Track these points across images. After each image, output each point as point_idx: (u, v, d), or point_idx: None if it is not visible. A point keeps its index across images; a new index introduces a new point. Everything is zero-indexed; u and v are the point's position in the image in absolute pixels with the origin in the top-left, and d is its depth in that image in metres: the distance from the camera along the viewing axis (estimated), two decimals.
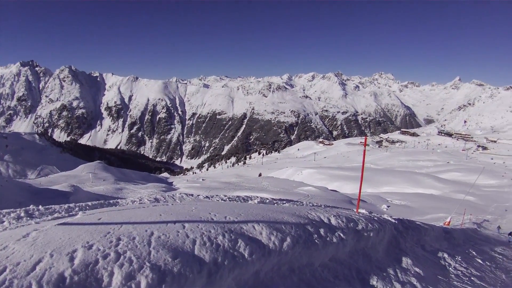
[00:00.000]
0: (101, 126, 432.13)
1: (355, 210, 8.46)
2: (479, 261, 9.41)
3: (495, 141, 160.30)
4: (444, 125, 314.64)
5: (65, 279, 2.87)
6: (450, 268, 7.59)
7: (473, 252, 10.46)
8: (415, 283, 5.73)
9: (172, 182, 64.46)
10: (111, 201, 9.52)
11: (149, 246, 3.56)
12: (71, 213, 6.48)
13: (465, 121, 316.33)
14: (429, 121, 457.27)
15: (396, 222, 8.42)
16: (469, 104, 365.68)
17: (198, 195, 12.75)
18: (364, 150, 8.89)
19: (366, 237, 6.30)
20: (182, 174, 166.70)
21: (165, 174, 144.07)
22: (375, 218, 7.49)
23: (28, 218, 6.18)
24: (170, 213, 4.85)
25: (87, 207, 8.02)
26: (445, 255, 8.35)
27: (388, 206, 37.86)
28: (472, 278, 7.28)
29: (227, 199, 12.31)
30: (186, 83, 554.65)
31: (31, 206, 7.24)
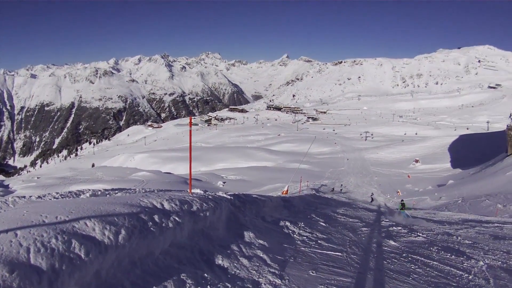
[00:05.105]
0: None
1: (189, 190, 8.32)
2: (323, 224, 10.19)
3: (324, 112, 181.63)
4: (273, 100, 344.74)
5: None
6: (295, 235, 8.03)
7: (316, 217, 11.30)
8: (261, 255, 5.94)
9: (8, 184, 60.81)
10: None
11: None
12: None
13: (293, 95, 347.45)
14: (257, 97, 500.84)
15: (232, 197, 8.63)
16: (298, 79, 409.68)
17: (30, 196, 11.50)
18: (190, 130, 8.80)
19: (203, 217, 6.41)
20: (17, 174, 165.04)
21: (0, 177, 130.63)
22: (210, 197, 7.60)
23: None
24: (1, 221, 4.31)
25: None
26: (287, 223, 8.83)
27: (224, 182, 40.25)
28: (320, 241, 7.84)
29: (59, 196, 11.27)
30: (13, 75, 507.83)
31: None
